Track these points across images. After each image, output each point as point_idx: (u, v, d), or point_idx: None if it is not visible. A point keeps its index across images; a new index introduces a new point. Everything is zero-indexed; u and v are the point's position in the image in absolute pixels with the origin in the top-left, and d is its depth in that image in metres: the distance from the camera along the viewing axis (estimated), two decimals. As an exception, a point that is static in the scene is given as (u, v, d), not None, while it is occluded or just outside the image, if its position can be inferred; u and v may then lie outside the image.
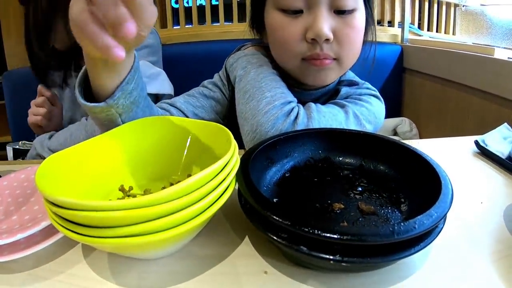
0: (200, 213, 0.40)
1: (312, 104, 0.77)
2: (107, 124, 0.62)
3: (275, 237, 0.39)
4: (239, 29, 1.93)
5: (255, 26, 0.93)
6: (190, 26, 2.07)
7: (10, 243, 0.45)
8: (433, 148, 0.80)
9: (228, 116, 0.96)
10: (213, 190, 0.40)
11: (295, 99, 0.78)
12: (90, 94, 0.62)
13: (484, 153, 0.76)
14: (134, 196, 0.52)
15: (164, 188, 0.53)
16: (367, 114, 0.83)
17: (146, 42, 1.28)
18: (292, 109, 0.73)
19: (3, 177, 0.63)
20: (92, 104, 0.59)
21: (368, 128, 0.82)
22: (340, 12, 0.74)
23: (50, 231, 0.48)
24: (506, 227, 0.51)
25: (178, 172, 0.57)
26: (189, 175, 0.53)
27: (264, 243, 0.48)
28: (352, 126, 0.79)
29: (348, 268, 0.41)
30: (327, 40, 0.74)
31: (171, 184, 0.54)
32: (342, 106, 0.81)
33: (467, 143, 0.81)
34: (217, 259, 0.46)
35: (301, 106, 0.76)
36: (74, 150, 0.50)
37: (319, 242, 0.37)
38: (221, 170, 0.42)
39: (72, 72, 1.31)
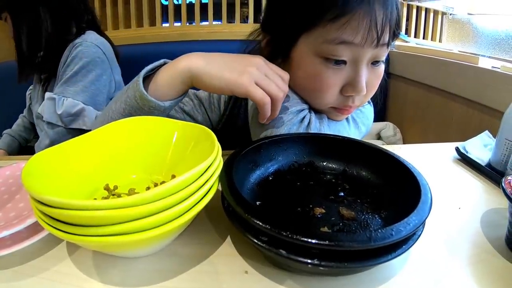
0: (183, 214, 0.41)
1: None
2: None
3: (255, 240, 0.40)
4: (228, 30, 1.94)
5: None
6: (179, 24, 2.07)
7: (-5, 240, 0.45)
8: (415, 154, 0.83)
9: (221, 128, 0.95)
10: (195, 192, 0.41)
11: (307, 106, 0.78)
12: None
13: (464, 159, 0.78)
14: (119, 195, 0.52)
15: (148, 188, 0.54)
16: (362, 117, 0.85)
17: (76, 67, 1.30)
18: (305, 115, 0.74)
19: (-12, 174, 0.63)
20: (155, 100, 0.66)
21: (363, 130, 0.84)
22: (373, 63, 0.73)
23: (35, 228, 0.48)
24: (483, 232, 0.53)
25: (163, 172, 0.58)
26: (173, 176, 0.54)
27: (245, 243, 0.49)
28: (352, 129, 0.81)
29: (326, 272, 0.43)
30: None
31: (155, 184, 0.55)
32: None
33: (448, 149, 0.83)
34: (199, 258, 0.46)
35: (312, 112, 0.76)
36: (60, 148, 0.51)
37: (297, 246, 0.38)
38: (204, 172, 0.43)
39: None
